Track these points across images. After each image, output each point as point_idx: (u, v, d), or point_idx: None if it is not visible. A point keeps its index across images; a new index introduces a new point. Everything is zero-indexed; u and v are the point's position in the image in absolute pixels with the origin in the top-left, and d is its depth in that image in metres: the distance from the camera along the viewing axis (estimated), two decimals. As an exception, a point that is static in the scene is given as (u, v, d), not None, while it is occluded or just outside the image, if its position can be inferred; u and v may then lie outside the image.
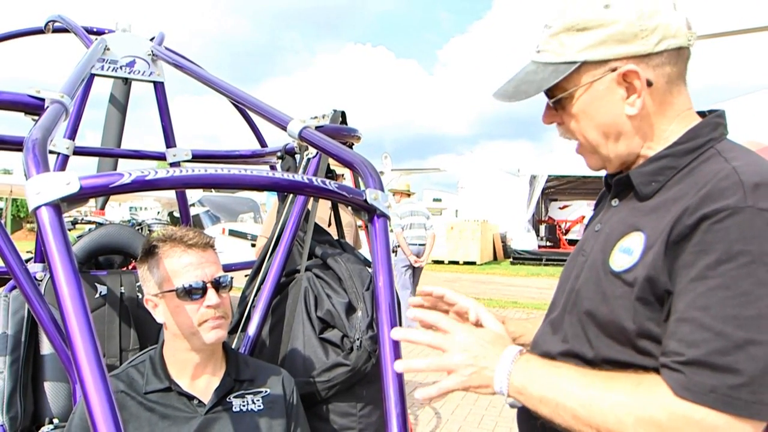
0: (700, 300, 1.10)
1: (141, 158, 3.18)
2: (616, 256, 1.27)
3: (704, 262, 1.10)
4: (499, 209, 24.54)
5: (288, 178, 1.65)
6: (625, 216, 1.33)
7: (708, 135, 1.29)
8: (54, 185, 1.25)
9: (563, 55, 1.31)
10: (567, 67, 1.30)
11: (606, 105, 1.31)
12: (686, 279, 1.13)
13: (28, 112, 1.73)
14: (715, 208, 1.12)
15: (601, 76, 1.29)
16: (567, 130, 1.40)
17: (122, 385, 1.73)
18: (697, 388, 1.07)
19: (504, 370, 1.26)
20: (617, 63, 1.27)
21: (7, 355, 2.20)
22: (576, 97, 1.33)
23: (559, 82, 1.31)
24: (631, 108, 1.29)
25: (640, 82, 1.27)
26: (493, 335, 1.36)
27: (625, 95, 1.29)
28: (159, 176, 1.39)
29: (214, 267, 1.77)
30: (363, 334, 2.09)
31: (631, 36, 1.25)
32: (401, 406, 1.42)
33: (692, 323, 1.10)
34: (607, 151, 1.36)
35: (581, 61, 1.29)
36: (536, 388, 1.23)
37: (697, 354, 1.08)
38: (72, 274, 1.19)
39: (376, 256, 1.65)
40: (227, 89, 2.40)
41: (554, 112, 1.41)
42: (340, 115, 2.51)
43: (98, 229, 2.64)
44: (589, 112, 1.33)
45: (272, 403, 1.84)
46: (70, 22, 3.11)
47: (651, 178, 1.30)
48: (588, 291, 1.32)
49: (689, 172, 1.26)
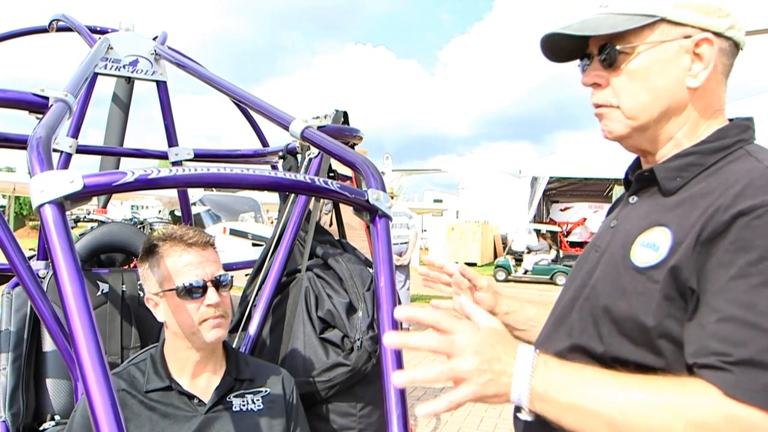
0: (744, 298, 1.06)
1: (143, 157, 3.19)
2: (638, 252, 1.23)
3: (744, 259, 1.07)
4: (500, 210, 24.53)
5: (290, 177, 1.66)
6: (646, 212, 1.29)
7: (737, 136, 1.27)
8: (58, 183, 1.25)
9: (643, 5, 1.25)
10: (644, 18, 1.24)
11: (669, 69, 1.26)
12: (726, 277, 1.08)
13: (32, 110, 1.73)
14: (752, 205, 1.09)
15: (673, 38, 1.24)
16: (611, 92, 1.31)
17: (123, 384, 1.74)
18: (749, 387, 1.02)
19: (524, 375, 1.12)
20: (693, 30, 1.23)
21: (10, 352, 2.20)
22: (638, 53, 1.26)
23: (629, 32, 1.25)
24: (694, 80, 1.25)
25: (711, 51, 1.23)
26: (500, 333, 1.22)
27: (689, 66, 1.25)
28: (161, 175, 1.40)
29: (215, 266, 1.77)
30: (363, 335, 2.09)
31: (712, 10, 1.22)
32: (402, 406, 1.41)
33: (736, 322, 1.05)
34: (648, 118, 1.29)
35: (661, 17, 1.24)
36: (563, 394, 1.11)
37: (746, 353, 1.03)
38: (75, 272, 1.19)
39: (377, 257, 1.65)
40: (229, 88, 2.40)
41: (601, 71, 1.32)
42: (342, 116, 2.51)
43: (100, 227, 2.64)
44: (647, 73, 1.27)
45: (272, 403, 1.84)
46: (74, 21, 3.12)
47: (676, 173, 1.27)
48: (605, 286, 1.27)
49: (716, 171, 1.23)
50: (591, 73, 1.34)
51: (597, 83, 1.33)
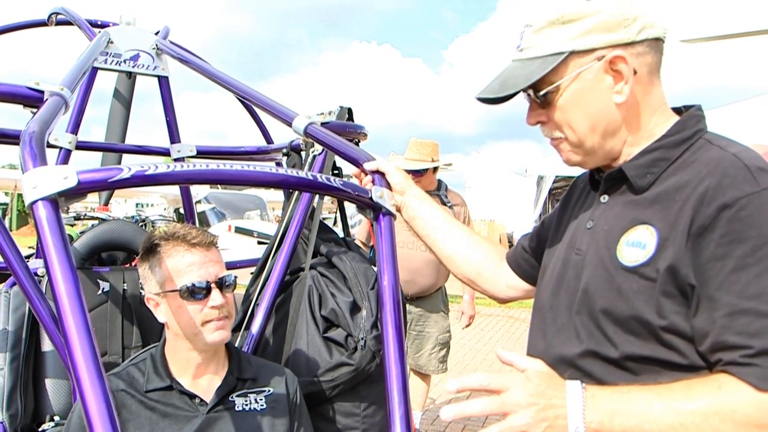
0: (750, 289, 1.09)
1: (145, 154, 3.16)
2: (625, 251, 1.27)
3: (740, 251, 1.11)
4: (506, 209, 24.48)
5: (293, 174, 1.62)
6: (622, 210, 1.33)
7: (695, 127, 1.32)
8: (51, 179, 1.22)
9: (549, 47, 1.32)
10: (555, 58, 1.31)
11: (594, 94, 1.32)
12: (725, 271, 1.12)
13: (27, 104, 1.70)
14: (733, 196, 1.13)
15: (588, 65, 1.30)
16: (554, 126, 1.39)
17: (122, 384, 1.71)
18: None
19: (577, 413, 1.18)
20: (603, 51, 1.29)
21: (8, 352, 2.18)
22: (563, 88, 1.33)
23: (546, 75, 1.31)
24: (619, 96, 1.30)
25: (627, 67, 1.28)
26: (547, 375, 1.28)
27: (612, 84, 1.30)
28: (159, 171, 1.37)
29: (218, 266, 1.75)
30: (367, 334, 2.07)
31: (615, 24, 1.27)
32: (405, 406, 1.39)
33: (749, 314, 1.09)
34: (593, 142, 1.36)
35: (569, 51, 1.30)
36: (616, 422, 1.16)
37: (766, 343, 1.07)
38: (69, 271, 1.16)
39: (381, 255, 1.63)
40: (233, 85, 2.37)
41: (540, 111, 1.40)
42: (347, 112, 2.48)
43: (101, 225, 2.62)
44: (577, 103, 1.33)
45: (275, 403, 1.82)
46: (74, 15, 3.10)
47: (646, 170, 1.31)
48: (599, 289, 1.30)
49: (684, 162, 1.27)
50: (531, 114, 1.42)
51: (540, 121, 1.42)
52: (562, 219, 1.58)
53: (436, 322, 4.62)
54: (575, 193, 1.60)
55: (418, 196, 1.85)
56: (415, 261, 4.35)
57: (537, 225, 1.76)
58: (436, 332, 4.60)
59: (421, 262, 4.37)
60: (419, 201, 1.85)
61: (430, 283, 4.52)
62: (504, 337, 9.12)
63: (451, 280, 4.58)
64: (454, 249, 1.83)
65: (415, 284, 4.45)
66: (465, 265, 1.82)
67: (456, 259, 1.83)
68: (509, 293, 1.80)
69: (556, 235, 1.56)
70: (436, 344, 4.60)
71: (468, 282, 1.85)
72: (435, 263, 4.33)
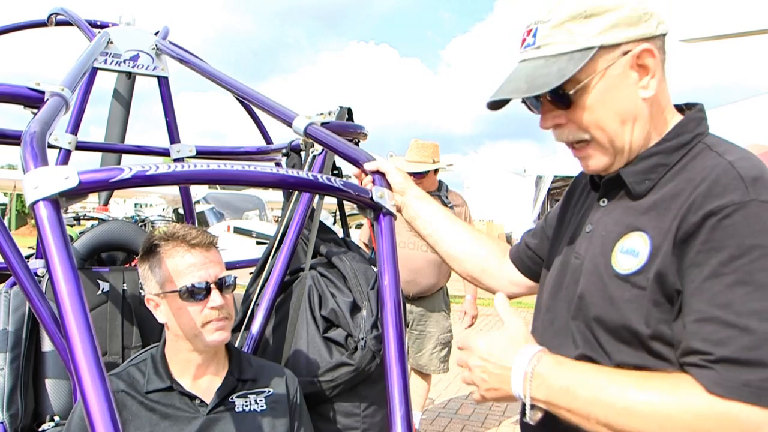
0: (720, 298, 1.09)
1: (144, 154, 3.16)
2: (619, 258, 1.26)
3: (717, 259, 1.10)
4: (505, 209, 24.47)
5: (293, 174, 1.62)
6: (620, 216, 1.32)
7: (695, 130, 1.30)
8: (52, 179, 1.22)
9: (576, 42, 1.26)
10: (584, 53, 1.25)
11: (623, 90, 1.28)
12: (700, 278, 1.12)
13: (27, 105, 1.70)
14: (720, 204, 1.12)
15: (615, 60, 1.26)
16: (578, 128, 1.33)
17: (123, 385, 1.71)
18: (730, 383, 1.06)
19: (519, 384, 1.23)
20: (629, 45, 1.26)
21: (8, 352, 2.17)
22: (591, 86, 1.28)
23: (578, 70, 1.25)
24: (646, 90, 1.28)
25: (654, 60, 1.26)
26: (512, 337, 1.31)
27: (638, 78, 1.28)
28: (160, 171, 1.37)
29: (218, 267, 1.74)
30: (367, 334, 2.07)
31: (637, 19, 1.26)
32: (405, 406, 1.39)
33: (715, 322, 1.09)
34: (623, 141, 1.31)
35: (599, 46, 1.25)
36: (564, 400, 1.19)
37: (726, 352, 1.07)
38: (70, 271, 1.16)
39: (381, 255, 1.63)
40: (232, 84, 2.37)
41: (557, 112, 1.34)
42: (347, 112, 2.48)
43: (101, 225, 2.62)
44: (606, 101, 1.28)
45: (275, 403, 1.82)
46: (73, 15, 3.10)
47: (644, 176, 1.29)
48: (593, 296, 1.30)
49: (681, 169, 1.26)
50: (548, 116, 1.36)
51: (558, 123, 1.36)
52: (564, 218, 1.57)
53: (438, 322, 4.63)
54: (576, 191, 1.60)
55: (418, 196, 1.85)
56: (416, 261, 4.36)
57: (540, 221, 1.75)
58: (437, 332, 4.61)
59: (422, 262, 4.38)
60: (420, 201, 1.85)
61: (431, 283, 4.53)
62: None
63: (452, 281, 4.58)
64: (456, 247, 1.83)
65: (416, 284, 4.47)
66: (468, 263, 1.82)
67: (459, 257, 1.83)
68: (513, 290, 1.79)
69: (558, 235, 1.56)
70: (437, 344, 4.62)
71: (471, 280, 1.85)
72: (436, 263, 4.34)
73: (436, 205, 1.88)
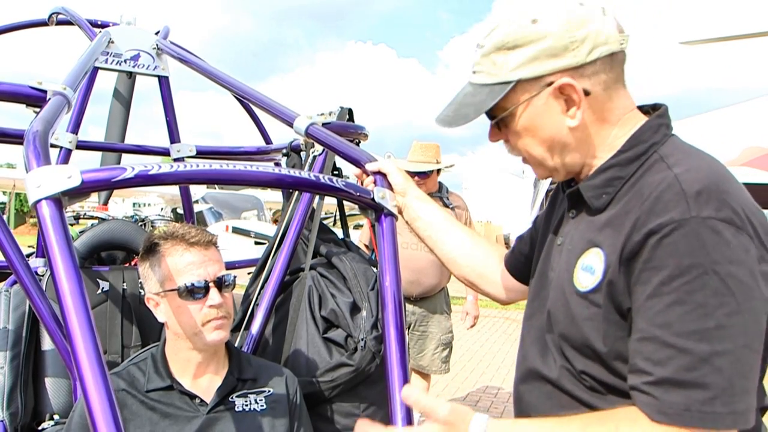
0: (659, 317, 1.10)
1: (144, 153, 3.16)
2: (580, 275, 1.27)
3: (658, 278, 1.10)
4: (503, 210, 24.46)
5: (293, 174, 1.63)
6: (583, 230, 1.32)
7: (650, 140, 1.28)
8: (55, 178, 1.22)
9: (497, 75, 1.30)
10: (502, 87, 1.29)
11: (547, 119, 1.30)
12: (643, 297, 1.12)
13: (30, 104, 1.70)
14: (660, 223, 1.11)
15: (537, 92, 1.28)
16: (513, 147, 1.39)
17: (123, 384, 1.71)
18: (671, 409, 1.07)
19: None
20: (552, 77, 1.26)
21: (8, 351, 2.17)
22: (517, 115, 1.32)
23: (498, 102, 1.30)
24: (572, 120, 1.28)
25: (577, 94, 1.25)
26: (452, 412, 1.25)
27: (565, 108, 1.28)
28: (162, 171, 1.37)
29: (217, 266, 1.75)
30: (367, 335, 2.07)
31: (562, 49, 1.24)
32: (406, 407, 1.39)
33: (655, 341, 1.10)
34: (552, 163, 1.35)
35: (516, 80, 1.27)
36: None
37: (665, 373, 1.08)
38: (72, 270, 1.16)
39: (382, 256, 1.63)
40: (232, 84, 2.37)
41: (498, 131, 1.40)
42: (348, 113, 2.48)
43: (101, 224, 2.62)
44: (531, 129, 1.32)
45: (275, 403, 1.82)
46: (74, 15, 3.10)
47: (601, 190, 1.29)
48: (559, 313, 1.31)
49: (636, 182, 1.25)
50: (492, 134, 1.42)
51: (500, 139, 1.42)
52: (549, 224, 1.56)
53: (439, 323, 4.63)
54: (559, 195, 1.58)
55: (419, 198, 1.85)
56: (419, 261, 4.37)
57: (531, 226, 1.75)
58: (438, 332, 4.62)
59: (425, 263, 4.38)
60: (420, 202, 1.85)
61: (434, 284, 4.54)
62: (501, 339, 9.12)
63: (452, 282, 4.58)
64: (455, 250, 1.83)
65: (419, 284, 4.48)
66: (466, 267, 1.82)
67: (457, 261, 1.83)
68: (510, 295, 1.80)
69: (542, 242, 1.55)
70: (438, 344, 4.62)
71: (468, 284, 1.86)
72: (439, 263, 4.33)
73: (436, 207, 1.88)
